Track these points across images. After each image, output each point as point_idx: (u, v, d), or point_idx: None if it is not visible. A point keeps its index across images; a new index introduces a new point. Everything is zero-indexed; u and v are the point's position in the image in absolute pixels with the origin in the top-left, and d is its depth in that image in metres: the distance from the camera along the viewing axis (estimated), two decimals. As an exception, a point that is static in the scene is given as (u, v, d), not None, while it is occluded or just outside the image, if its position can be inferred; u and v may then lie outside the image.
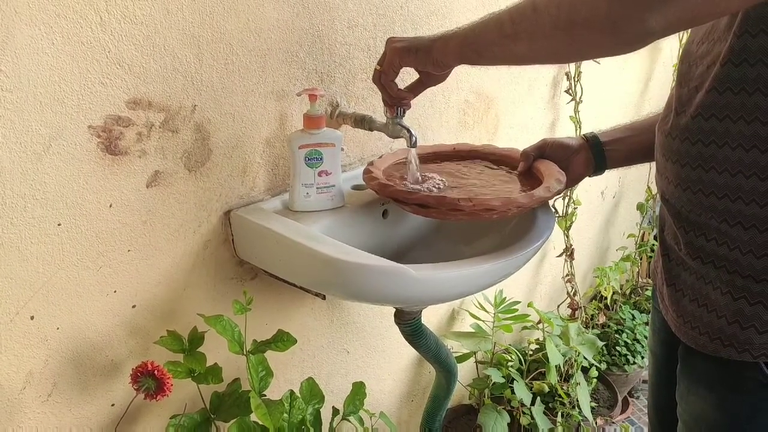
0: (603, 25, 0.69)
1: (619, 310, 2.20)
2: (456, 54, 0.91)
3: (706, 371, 0.89)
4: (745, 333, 0.82)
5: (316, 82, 1.14)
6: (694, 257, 0.87)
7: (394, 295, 0.96)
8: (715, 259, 0.84)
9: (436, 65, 0.95)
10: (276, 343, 0.95)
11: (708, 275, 0.85)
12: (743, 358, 0.83)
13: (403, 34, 1.28)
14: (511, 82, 1.64)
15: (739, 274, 0.82)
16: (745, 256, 0.81)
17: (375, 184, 1.05)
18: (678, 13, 0.65)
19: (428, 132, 1.43)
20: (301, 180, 1.08)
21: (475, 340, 1.63)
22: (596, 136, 1.13)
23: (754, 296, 0.81)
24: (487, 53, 0.88)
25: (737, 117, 0.78)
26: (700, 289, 0.87)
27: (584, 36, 0.72)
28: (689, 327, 0.89)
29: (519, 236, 1.06)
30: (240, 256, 1.10)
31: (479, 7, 1.44)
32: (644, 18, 0.66)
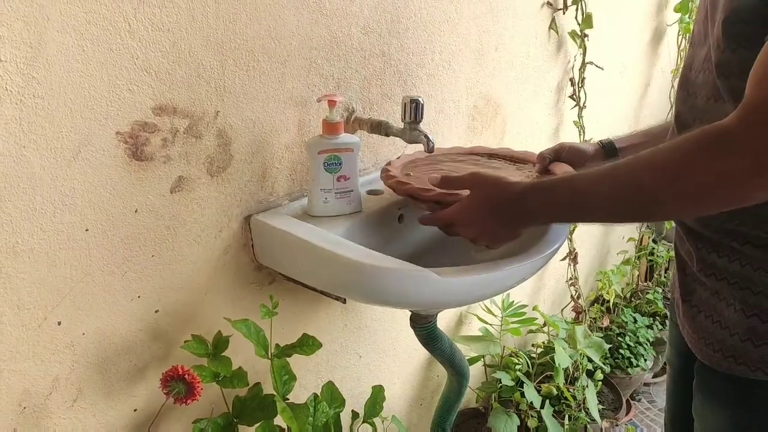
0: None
1: (620, 313, 2.22)
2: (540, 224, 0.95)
3: (720, 388, 0.90)
4: (759, 351, 0.83)
5: (333, 88, 1.15)
6: (708, 274, 0.88)
7: (417, 298, 0.97)
8: (728, 276, 0.85)
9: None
10: (301, 347, 0.96)
11: (721, 291, 0.86)
12: (756, 376, 0.83)
13: (416, 40, 1.29)
14: (517, 88, 1.66)
15: (751, 291, 0.82)
16: (756, 272, 0.82)
17: (393, 182, 1.07)
18: None
19: (438, 137, 1.45)
20: (320, 185, 1.09)
21: (484, 343, 1.64)
22: (612, 142, 1.15)
23: (766, 313, 0.82)
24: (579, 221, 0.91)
25: None
26: (714, 306, 0.88)
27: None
28: (704, 344, 0.90)
29: (535, 239, 1.08)
30: (259, 261, 1.10)
31: (487, 13, 1.46)
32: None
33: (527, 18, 1.61)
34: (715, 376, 0.89)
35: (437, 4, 1.32)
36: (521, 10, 1.57)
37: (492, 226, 0.89)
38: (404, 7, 1.25)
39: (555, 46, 1.75)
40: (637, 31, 2.15)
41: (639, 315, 2.24)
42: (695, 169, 0.68)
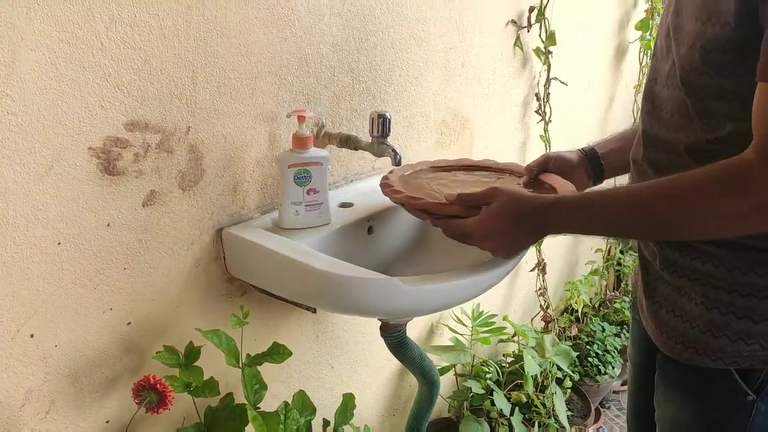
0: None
1: (589, 322, 2.27)
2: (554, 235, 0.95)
3: (681, 378, 0.95)
4: (718, 341, 0.88)
5: (302, 103, 1.19)
6: (671, 271, 0.92)
7: (385, 306, 1.00)
8: (690, 272, 0.90)
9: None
10: (272, 355, 0.98)
11: (683, 287, 0.91)
12: (716, 365, 0.88)
13: (384, 57, 1.33)
14: (484, 103, 1.71)
15: (711, 286, 0.88)
16: (717, 269, 0.87)
17: (402, 197, 1.05)
18: None
19: (407, 151, 1.48)
20: (291, 198, 1.12)
21: (454, 353, 1.67)
22: (594, 149, 1.18)
23: (726, 306, 0.87)
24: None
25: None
26: (675, 301, 0.92)
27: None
28: (666, 337, 0.94)
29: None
30: (231, 273, 1.13)
31: (453, 31, 1.51)
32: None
33: (492, 35, 1.66)
34: (677, 367, 0.94)
35: (404, 23, 1.36)
36: (486, 28, 1.62)
37: (512, 238, 0.93)
38: (372, 24, 1.29)
39: (520, 63, 1.80)
40: (600, 48, 2.22)
41: (607, 324, 2.29)
42: (714, 208, 0.76)
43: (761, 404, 0.88)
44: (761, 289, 0.85)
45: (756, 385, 0.88)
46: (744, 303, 0.86)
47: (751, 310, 0.85)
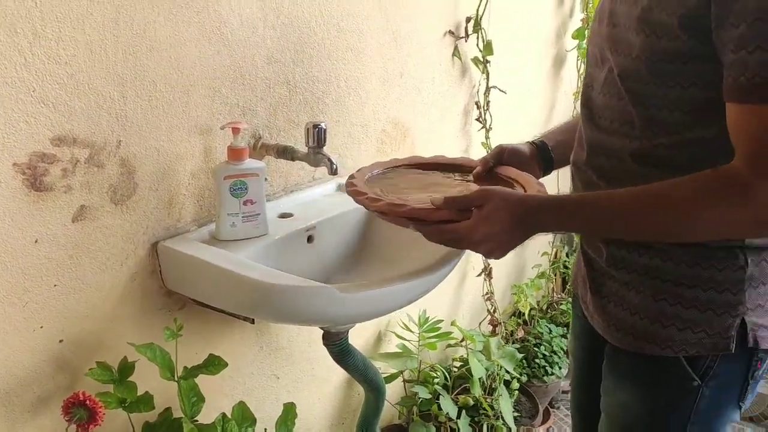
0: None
1: (536, 324, 2.32)
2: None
3: (631, 367, 0.99)
4: (667, 331, 0.92)
5: (238, 115, 1.19)
6: (619, 267, 0.96)
7: (321, 314, 1.01)
8: (638, 268, 0.94)
9: None
10: (207, 367, 0.98)
11: (631, 282, 0.95)
12: (665, 353, 0.93)
13: (321, 69, 1.35)
14: (425, 112, 1.74)
15: (660, 279, 0.92)
16: (665, 263, 0.92)
17: (383, 205, 0.95)
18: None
19: (348, 160, 1.50)
20: (227, 210, 1.12)
21: (402, 359, 1.69)
22: (544, 142, 1.17)
23: (674, 297, 0.92)
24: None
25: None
26: (624, 296, 0.96)
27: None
28: (615, 329, 0.98)
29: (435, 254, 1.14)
30: (168, 287, 1.12)
31: (390, 42, 1.53)
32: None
33: (430, 46, 1.69)
34: (628, 356, 0.97)
35: (341, 34, 1.38)
36: (424, 39, 1.65)
37: (509, 239, 0.89)
38: (308, 37, 1.30)
39: (459, 72, 1.84)
40: (539, 57, 2.28)
41: (554, 325, 2.34)
42: (717, 219, 0.80)
43: (706, 389, 0.93)
44: (706, 281, 0.90)
45: (701, 371, 0.93)
46: (691, 294, 0.90)
47: (697, 301, 0.90)
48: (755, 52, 0.73)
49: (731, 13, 0.75)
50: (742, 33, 0.74)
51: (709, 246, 0.88)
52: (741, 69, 0.75)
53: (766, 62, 0.73)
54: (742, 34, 0.74)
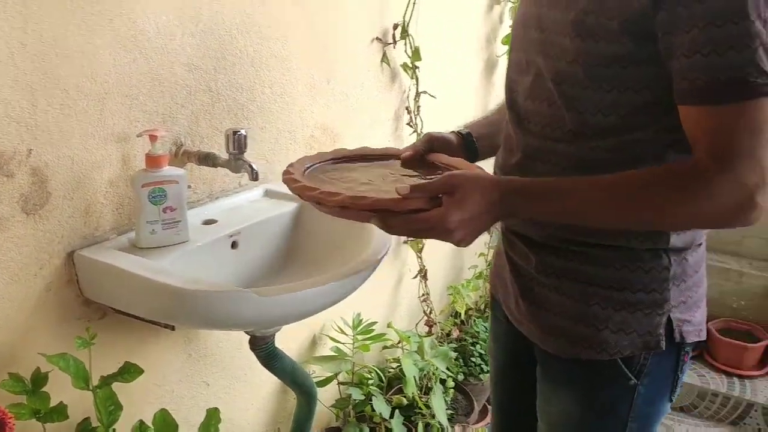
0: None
1: (473, 324, 2.36)
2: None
3: (568, 372, 1.00)
4: (601, 334, 0.94)
5: (158, 123, 1.19)
6: (548, 273, 0.97)
7: (239, 318, 1.02)
8: (568, 273, 0.96)
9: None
10: (123, 375, 0.98)
11: (561, 287, 0.96)
12: (601, 357, 0.95)
13: (244, 76, 1.36)
14: (354, 118, 1.76)
15: (589, 284, 0.94)
16: (594, 267, 0.94)
17: (345, 199, 0.86)
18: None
19: (276, 166, 1.51)
20: (146, 217, 1.12)
21: (336, 362, 1.70)
22: (469, 132, 1.13)
23: (605, 301, 0.94)
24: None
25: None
26: (555, 301, 0.97)
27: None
28: (548, 335, 0.99)
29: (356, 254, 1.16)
30: (86, 296, 1.11)
31: (316, 49, 1.55)
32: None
33: (358, 52, 1.71)
34: (562, 362, 0.99)
35: (264, 42, 1.39)
36: (351, 45, 1.68)
37: (481, 224, 0.85)
38: (229, 44, 1.31)
39: (389, 78, 1.87)
40: (470, 62, 2.33)
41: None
42: (692, 213, 0.82)
43: (641, 387, 0.96)
44: (634, 283, 0.92)
45: (636, 370, 0.95)
46: (620, 297, 0.93)
47: (627, 303, 0.93)
48: (710, 56, 0.75)
49: (682, 19, 0.77)
50: (694, 37, 0.76)
51: (636, 249, 0.91)
52: (697, 72, 0.77)
53: (721, 65, 0.75)
54: (695, 39, 0.76)
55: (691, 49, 0.77)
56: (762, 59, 0.75)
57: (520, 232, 1.01)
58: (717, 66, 0.76)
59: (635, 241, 0.91)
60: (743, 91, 0.75)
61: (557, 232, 0.95)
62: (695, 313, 0.97)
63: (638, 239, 0.91)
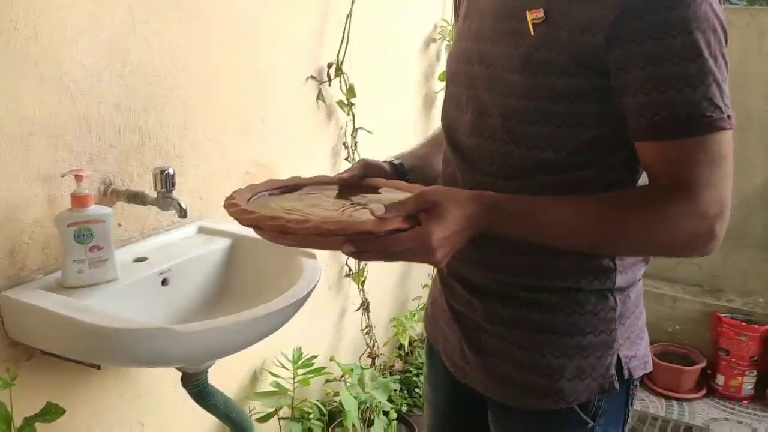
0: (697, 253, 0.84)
1: (417, 355, 2.39)
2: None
3: (522, 422, 0.98)
4: (558, 384, 0.93)
5: (85, 162, 1.20)
6: (495, 322, 0.95)
7: (164, 355, 1.03)
8: (516, 321, 0.94)
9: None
10: (44, 415, 0.98)
11: (510, 336, 0.95)
12: (559, 406, 0.93)
13: (175, 115, 1.38)
14: (291, 154, 1.79)
15: (539, 331, 0.93)
16: (544, 315, 0.92)
17: (319, 225, 0.80)
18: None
19: (210, 203, 1.53)
20: (72, 256, 1.12)
21: (276, 397, 1.71)
22: (402, 164, 1.10)
23: (558, 349, 0.92)
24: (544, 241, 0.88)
25: None
26: (505, 350, 0.95)
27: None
28: (500, 386, 0.97)
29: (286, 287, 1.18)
30: (12, 337, 1.10)
31: (249, 87, 1.59)
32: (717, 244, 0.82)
33: (293, 90, 1.76)
34: (515, 412, 0.97)
35: (196, 81, 1.42)
36: (285, 84, 1.72)
37: (459, 240, 0.81)
38: (159, 85, 1.34)
39: (325, 114, 1.92)
40: (407, 97, 2.40)
41: (435, 354, 2.42)
42: (655, 241, 0.84)
43: (598, 427, 0.96)
44: (584, 328, 0.92)
45: (592, 412, 0.95)
46: (572, 342, 0.92)
47: (579, 348, 0.92)
48: (668, 92, 0.77)
49: (637, 56, 0.78)
50: (650, 74, 0.78)
51: (584, 290, 0.91)
52: (655, 109, 0.78)
53: (679, 101, 0.77)
54: (651, 76, 0.78)
55: (647, 86, 0.78)
56: (715, 95, 0.78)
57: (463, 276, 0.99)
58: (675, 102, 0.77)
59: (584, 281, 0.91)
60: (701, 126, 0.77)
61: (502, 276, 0.94)
62: (639, 347, 0.98)
63: (587, 279, 0.91)
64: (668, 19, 0.76)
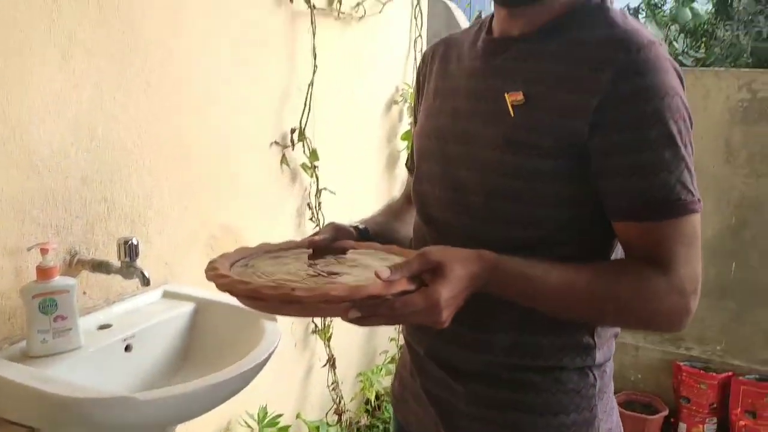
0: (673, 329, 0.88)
1: (384, 410, 2.42)
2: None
3: None
4: None
5: (51, 235, 1.25)
6: (478, 405, 0.95)
7: (126, 422, 1.06)
8: (501, 403, 0.94)
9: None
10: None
11: (494, 419, 0.94)
12: None
13: (141, 185, 1.44)
14: (256, 217, 1.85)
15: (523, 411, 0.93)
16: (527, 395, 0.93)
17: (319, 292, 0.77)
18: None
19: (176, 267, 1.58)
20: (37, 327, 1.16)
21: (241, 457, 1.72)
22: (366, 228, 1.07)
23: (542, 429, 0.93)
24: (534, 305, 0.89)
25: None
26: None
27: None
28: None
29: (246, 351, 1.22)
30: (-26, 408, 1.13)
31: (216, 153, 1.66)
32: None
33: (258, 155, 1.83)
34: None
35: (161, 150, 1.49)
36: (250, 149, 1.79)
37: (462, 299, 0.81)
38: (125, 157, 1.40)
39: (290, 177, 1.99)
40: (370, 158, 2.48)
41: (403, 409, 2.45)
42: (638, 314, 0.86)
43: None
44: (568, 406, 0.93)
45: None
46: (556, 422, 0.92)
47: (564, 427, 0.93)
48: (648, 177, 0.82)
49: (618, 144, 0.82)
50: (632, 161, 0.82)
51: (566, 368, 0.92)
52: (635, 192, 0.83)
53: (657, 185, 0.82)
54: (632, 162, 0.82)
55: (628, 171, 0.82)
56: (687, 179, 0.83)
57: (443, 357, 0.98)
58: (653, 186, 0.82)
59: (567, 359, 0.92)
60: (677, 209, 0.82)
61: (485, 357, 0.94)
62: (613, 416, 0.99)
63: (570, 356, 0.92)
64: (646, 111, 0.81)
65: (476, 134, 0.91)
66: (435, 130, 0.99)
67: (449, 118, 0.97)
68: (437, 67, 1.04)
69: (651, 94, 0.81)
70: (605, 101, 0.82)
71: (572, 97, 0.84)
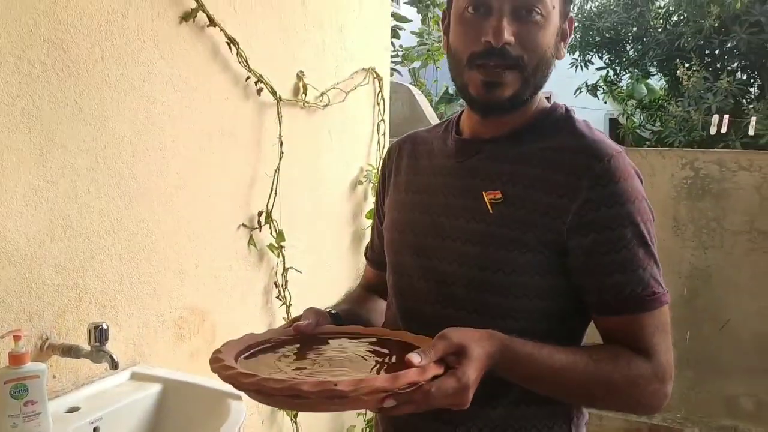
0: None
1: (353, 485, 2.42)
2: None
3: None
4: None
5: (24, 321, 1.31)
6: None
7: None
8: None
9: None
10: None
11: None
12: None
13: (112, 270, 1.51)
14: (223, 297, 1.92)
15: None
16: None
17: (354, 388, 0.76)
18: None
19: (144, 348, 1.63)
20: (7, 412, 1.20)
21: None
22: (337, 313, 1.09)
23: None
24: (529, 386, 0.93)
25: None
26: None
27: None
28: None
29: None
30: (-59, 495, 1.16)
31: (182, 239, 1.74)
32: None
33: (225, 238, 1.91)
34: None
35: (131, 237, 1.57)
36: (217, 233, 1.88)
37: (479, 380, 0.83)
38: (97, 244, 1.47)
39: (257, 258, 2.07)
40: (336, 236, 2.57)
41: (371, 484, 2.46)
42: (632, 401, 0.93)
43: None
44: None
45: None
46: None
47: None
48: (626, 273, 0.89)
49: (597, 243, 0.90)
50: (611, 259, 0.89)
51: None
52: (615, 288, 0.90)
53: (634, 281, 0.89)
54: (611, 260, 0.89)
55: (608, 268, 0.90)
56: (657, 274, 0.92)
57: (452, 418, 0.97)
58: (632, 282, 0.90)
59: (556, 428, 0.98)
60: (653, 302, 0.91)
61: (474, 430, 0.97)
62: None
63: (561, 427, 0.99)
64: (620, 213, 0.90)
65: (456, 228, 0.97)
66: (409, 224, 1.04)
67: (424, 213, 1.01)
68: (406, 163, 1.10)
69: (624, 199, 0.91)
70: (584, 205, 0.90)
71: (550, 198, 0.92)
